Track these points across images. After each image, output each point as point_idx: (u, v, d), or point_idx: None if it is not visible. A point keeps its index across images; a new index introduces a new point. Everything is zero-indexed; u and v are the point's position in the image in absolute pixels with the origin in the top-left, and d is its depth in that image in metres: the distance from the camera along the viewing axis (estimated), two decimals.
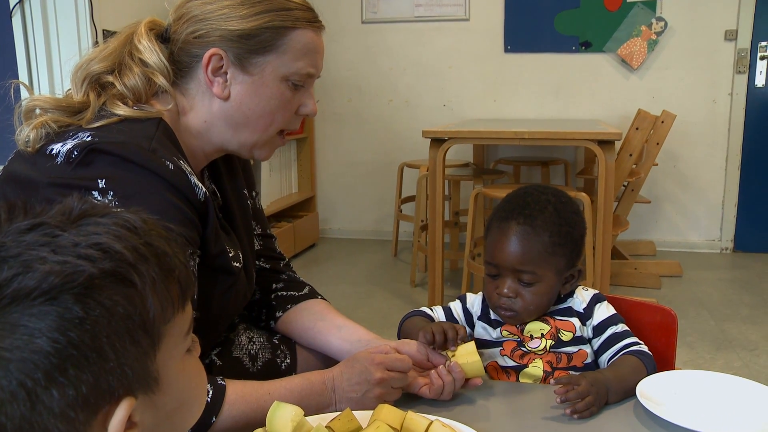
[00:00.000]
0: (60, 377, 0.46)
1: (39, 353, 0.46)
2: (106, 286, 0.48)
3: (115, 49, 1.02)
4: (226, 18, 0.99)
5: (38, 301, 0.46)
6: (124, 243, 0.50)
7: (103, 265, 0.48)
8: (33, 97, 0.98)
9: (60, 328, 0.46)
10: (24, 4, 2.68)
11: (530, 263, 1.09)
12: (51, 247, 0.48)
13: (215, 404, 0.93)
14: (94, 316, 0.47)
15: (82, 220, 0.51)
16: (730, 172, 4.16)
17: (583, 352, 1.12)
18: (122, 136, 0.92)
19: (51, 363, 0.46)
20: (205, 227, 0.98)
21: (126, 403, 0.50)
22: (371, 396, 0.98)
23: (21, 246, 0.48)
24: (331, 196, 4.74)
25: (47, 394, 0.46)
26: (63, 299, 0.46)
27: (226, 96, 1.02)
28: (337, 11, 4.42)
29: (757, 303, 3.25)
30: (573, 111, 4.26)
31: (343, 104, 4.59)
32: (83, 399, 0.47)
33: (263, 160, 1.14)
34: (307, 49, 1.03)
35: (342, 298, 3.32)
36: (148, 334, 0.51)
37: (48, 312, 0.46)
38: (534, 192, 1.15)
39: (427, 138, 2.84)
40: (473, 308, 1.21)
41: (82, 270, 0.47)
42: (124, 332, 0.49)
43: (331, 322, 1.20)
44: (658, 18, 4.04)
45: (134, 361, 0.50)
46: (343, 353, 1.15)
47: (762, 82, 4.03)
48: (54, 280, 0.46)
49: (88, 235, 0.50)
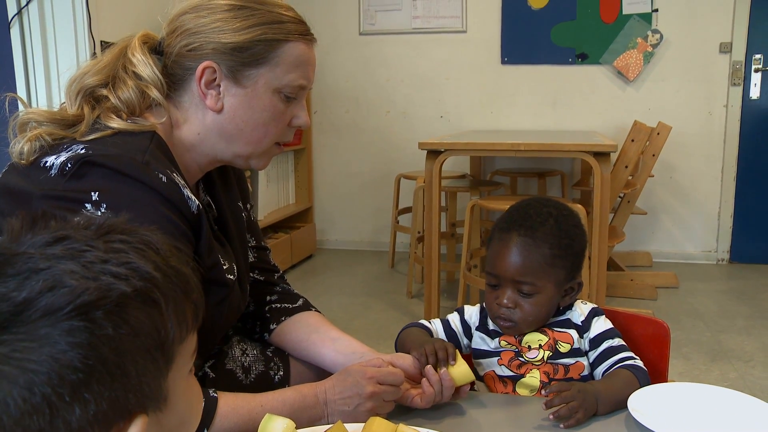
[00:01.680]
0: (85, 393, 0.46)
1: (68, 368, 0.46)
2: (134, 305, 0.49)
3: (109, 62, 1.03)
4: (219, 31, 1.00)
5: (69, 316, 0.46)
6: (152, 264, 0.52)
7: (135, 284, 0.49)
8: (27, 110, 0.98)
9: (90, 345, 0.46)
10: (22, 16, 2.69)
11: (530, 274, 1.10)
12: (80, 262, 0.48)
13: (207, 416, 0.93)
14: (122, 334, 0.48)
15: (107, 236, 0.52)
16: (726, 183, 4.17)
17: (581, 364, 1.13)
18: (116, 149, 0.92)
19: (78, 378, 0.46)
20: (198, 240, 0.98)
21: (140, 420, 0.50)
22: (363, 410, 0.98)
23: (50, 259, 0.48)
24: (328, 207, 4.74)
25: (69, 409, 0.46)
26: (94, 316, 0.47)
27: (219, 108, 1.02)
28: (334, 23, 4.44)
29: (753, 314, 3.25)
30: (569, 122, 4.28)
31: (340, 116, 4.60)
32: (102, 415, 0.48)
33: (260, 169, 1.15)
34: (299, 61, 1.04)
35: (339, 309, 3.32)
36: (164, 353, 0.52)
37: (79, 328, 0.46)
38: (536, 204, 1.16)
39: (423, 150, 2.85)
40: (471, 319, 1.22)
41: (115, 288, 0.48)
42: (145, 351, 0.50)
43: (325, 334, 1.20)
44: (654, 30, 4.06)
45: (151, 379, 0.51)
46: (337, 366, 1.14)
47: (757, 94, 4.05)
48: (87, 297, 0.47)
49: (117, 252, 0.50)
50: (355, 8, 4.42)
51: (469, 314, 1.23)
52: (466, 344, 1.22)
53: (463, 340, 1.22)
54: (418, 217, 3.66)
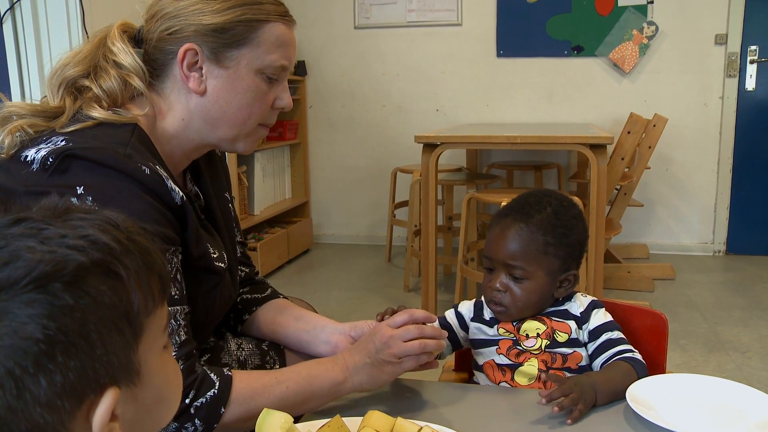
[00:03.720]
0: (49, 364, 0.47)
1: (29, 340, 0.46)
2: (94, 276, 0.50)
3: (90, 52, 1.02)
4: (199, 13, 1.00)
5: (27, 289, 0.47)
6: (110, 236, 0.52)
7: (92, 255, 0.50)
8: (8, 104, 0.97)
9: (50, 315, 0.47)
10: (15, 11, 2.68)
11: (521, 258, 1.13)
12: (38, 239, 0.49)
13: (223, 395, 0.94)
14: (83, 304, 0.48)
15: (67, 215, 0.53)
16: (722, 175, 4.18)
17: (578, 354, 1.13)
18: (97, 141, 0.91)
19: (40, 349, 0.46)
20: (184, 231, 0.98)
21: (111, 392, 0.51)
22: (384, 358, 1.01)
23: (7, 238, 0.49)
24: (324, 201, 4.74)
25: (35, 382, 0.47)
26: (52, 287, 0.47)
27: (203, 91, 1.02)
28: (330, 17, 4.42)
29: (750, 305, 3.26)
30: (565, 115, 4.27)
31: (336, 110, 4.59)
32: (70, 386, 0.48)
33: (246, 153, 1.14)
34: (280, 41, 1.04)
35: (336, 304, 3.32)
36: (131, 325, 0.52)
37: (38, 300, 0.47)
38: (537, 194, 1.20)
39: (419, 143, 2.85)
40: (465, 312, 1.24)
41: (73, 259, 0.49)
42: (110, 321, 0.50)
43: (289, 314, 1.23)
44: (650, 22, 4.06)
45: (119, 350, 0.51)
46: (302, 343, 1.19)
47: (752, 85, 4.06)
48: (44, 268, 0.47)
49: (74, 228, 0.51)
50: (350, 2, 4.41)
51: (464, 307, 1.25)
52: (463, 336, 1.23)
53: (460, 333, 1.23)
54: (414, 211, 3.65)
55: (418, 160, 3.04)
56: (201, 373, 0.95)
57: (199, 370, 0.95)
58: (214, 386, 0.94)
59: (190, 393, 0.92)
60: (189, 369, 0.94)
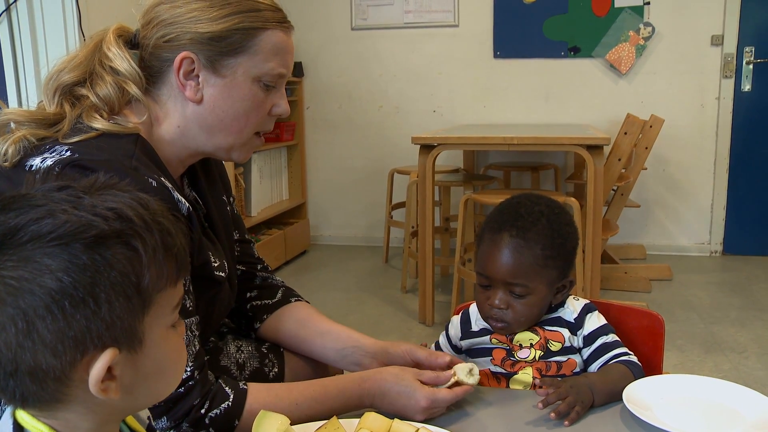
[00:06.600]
0: (58, 312, 0.53)
1: (44, 287, 0.53)
2: (112, 244, 0.55)
3: (85, 57, 1.00)
4: (195, 21, 0.98)
5: (52, 243, 0.53)
6: (135, 212, 0.58)
7: (113, 225, 0.56)
8: (6, 111, 0.96)
9: (66, 270, 0.53)
10: (11, 12, 2.67)
11: (522, 276, 1.08)
12: (73, 204, 0.56)
13: (237, 408, 0.95)
14: (97, 266, 0.54)
15: (104, 190, 0.59)
16: (718, 175, 4.18)
17: (573, 361, 1.13)
18: (103, 153, 0.91)
19: (52, 298, 0.53)
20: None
21: (110, 351, 0.56)
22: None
23: (48, 199, 0.56)
24: (321, 202, 4.73)
25: (44, 325, 0.53)
26: (73, 246, 0.54)
27: (199, 99, 1.01)
28: (327, 18, 4.42)
29: (747, 305, 3.27)
30: (562, 116, 4.28)
31: (333, 111, 4.59)
32: (73, 337, 0.54)
33: (241, 161, 1.14)
34: (277, 49, 1.02)
35: (333, 305, 3.32)
36: (140, 295, 0.57)
37: (59, 254, 0.53)
38: (527, 202, 1.13)
39: (416, 144, 2.85)
40: (453, 334, 1.23)
41: (95, 225, 0.55)
42: (120, 288, 0.55)
43: (313, 329, 1.21)
44: (646, 23, 4.07)
45: (124, 315, 0.56)
46: (329, 360, 1.18)
47: (748, 86, 4.06)
48: (69, 227, 0.54)
49: (105, 201, 0.57)
50: (347, 3, 4.41)
51: (452, 329, 1.23)
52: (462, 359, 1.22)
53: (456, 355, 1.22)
54: (411, 212, 3.65)
55: (415, 161, 3.04)
56: (216, 385, 0.96)
57: (214, 381, 0.97)
58: (228, 399, 0.95)
59: (204, 404, 0.93)
60: (203, 379, 0.95)
